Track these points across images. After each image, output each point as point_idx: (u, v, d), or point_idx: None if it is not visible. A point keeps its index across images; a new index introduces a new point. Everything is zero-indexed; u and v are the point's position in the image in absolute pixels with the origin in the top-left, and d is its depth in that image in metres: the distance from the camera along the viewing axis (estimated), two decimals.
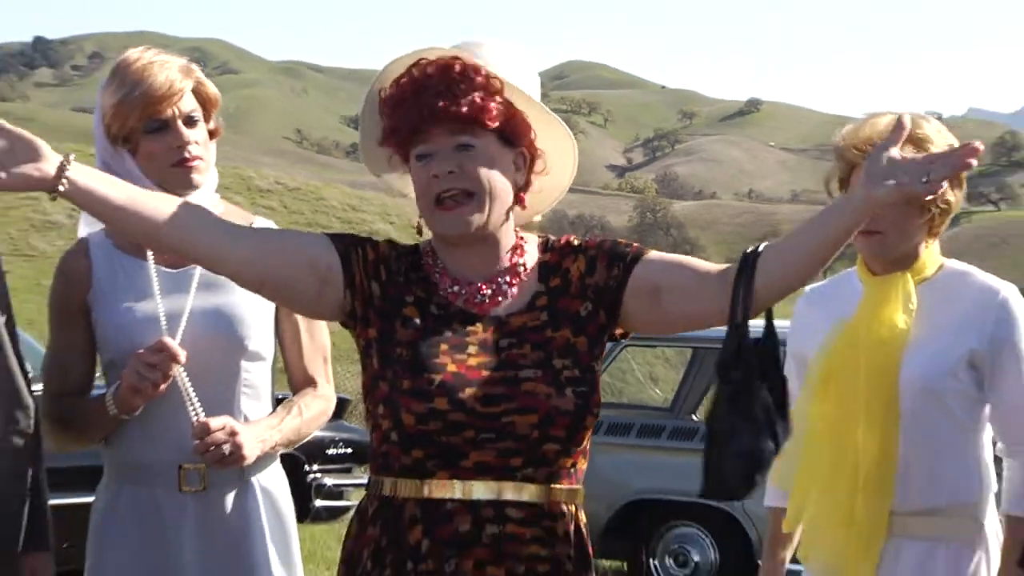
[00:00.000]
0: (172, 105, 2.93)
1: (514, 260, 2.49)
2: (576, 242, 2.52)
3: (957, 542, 3.08)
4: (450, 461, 2.35)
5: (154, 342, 2.86)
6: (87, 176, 2.34)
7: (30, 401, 2.89)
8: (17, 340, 2.97)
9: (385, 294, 2.45)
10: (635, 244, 2.53)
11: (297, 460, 8.52)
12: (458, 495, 2.35)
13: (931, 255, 3.14)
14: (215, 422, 2.84)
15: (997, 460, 3.16)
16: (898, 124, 2.35)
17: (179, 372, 2.88)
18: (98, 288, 3.00)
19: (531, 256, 2.51)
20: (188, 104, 2.97)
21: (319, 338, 3.14)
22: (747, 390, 2.40)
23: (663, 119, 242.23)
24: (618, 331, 2.49)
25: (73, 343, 3.06)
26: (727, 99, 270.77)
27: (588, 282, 2.47)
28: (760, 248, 2.40)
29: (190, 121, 2.97)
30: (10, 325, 2.92)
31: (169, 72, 2.95)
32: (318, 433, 8.58)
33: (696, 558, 8.31)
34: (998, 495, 3.16)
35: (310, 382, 3.12)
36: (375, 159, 2.58)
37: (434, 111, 2.36)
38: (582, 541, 2.45)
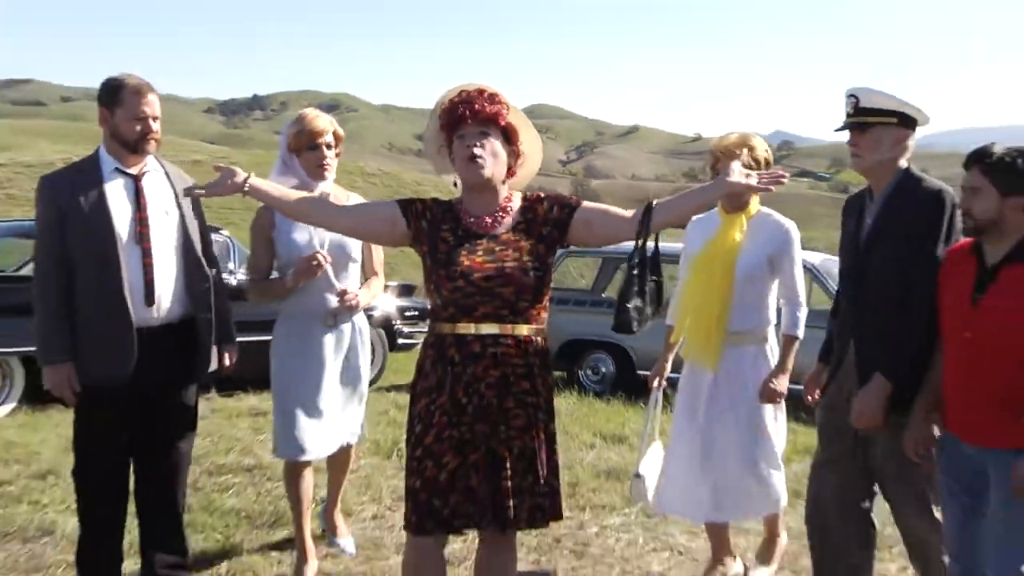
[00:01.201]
0: (323, 138, 3.17)
1: (505, 204, 2.43)
2: (542, 195, 2.50)
3: (754, 346, 3.28)
4: (468, 313, 2.32)
5: (312, 252, 3.12)
6: (260, 183, 2.43)
7: (208, 272, 2.95)
8: (209, 242, 3.02)
9: (431, 227, 2.40)
10: (575, 197, 2.49)
11: (390, 317, 8.51)
12: (473, 331, 2.33)
13: (755, 204, 3.31)
14: (348, 290, 3.17)
15: (779, 310, 3.35)
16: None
17: (327, 267, 3.12)
18: (278, 227, 3.17)
19: (516, 203, 2.45)
20: (330, 138, 3.19)
21: (379, 255, 3.39)
22: (641, 274, 2.38)
23: (586, 136, 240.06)
24: (565, 243, 2.44)
25: (265, 254, 3.21)
26: (621, 124, 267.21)
27: (549, 216, 2.42)
28: (654, 202, 2.37)
29: (329, 147, 3.18)
30: (203, 233, 2.99)
31: (324, 122, 3.21)
32: (400, 303, 8.75)
33: (603, 370, 8.33)
34: (776, 326, 3.34)
35: (375, 274, 3.38)
36: (433, 149, 2.50)
37: (473, 112, 2.33)
38: (545, 358, 2.43)
